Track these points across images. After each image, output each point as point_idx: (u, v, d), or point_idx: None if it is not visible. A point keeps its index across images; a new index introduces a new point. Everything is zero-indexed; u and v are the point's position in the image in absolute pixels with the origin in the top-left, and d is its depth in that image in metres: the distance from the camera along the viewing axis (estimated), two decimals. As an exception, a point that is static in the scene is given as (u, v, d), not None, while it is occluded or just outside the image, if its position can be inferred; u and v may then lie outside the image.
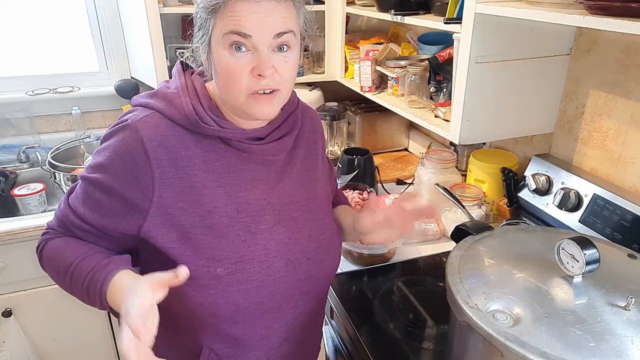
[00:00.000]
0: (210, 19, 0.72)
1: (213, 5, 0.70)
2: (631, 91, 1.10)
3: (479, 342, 0.68)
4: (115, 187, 0.76)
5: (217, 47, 0.73)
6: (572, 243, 0.71)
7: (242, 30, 0.70)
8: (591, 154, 1.23)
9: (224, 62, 0.72)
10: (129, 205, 0.76)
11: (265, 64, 0.71)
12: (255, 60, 0.71)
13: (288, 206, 0.85)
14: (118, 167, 0.76)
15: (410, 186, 1.68)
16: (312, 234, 0.87)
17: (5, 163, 1.89)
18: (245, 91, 0.73)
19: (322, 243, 0.88)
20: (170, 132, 0.76)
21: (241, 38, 0.70)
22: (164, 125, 0.76)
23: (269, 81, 0.73)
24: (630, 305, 0.66)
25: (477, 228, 0.91)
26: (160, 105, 0.77)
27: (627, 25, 0.73)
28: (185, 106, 0.76)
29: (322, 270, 0.88)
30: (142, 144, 0.74)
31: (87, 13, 1.97)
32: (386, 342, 1.00)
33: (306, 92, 2.00)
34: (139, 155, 0.74)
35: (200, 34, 0.75)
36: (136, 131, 0.75)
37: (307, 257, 0.85)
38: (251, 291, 0.79)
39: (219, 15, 0.71)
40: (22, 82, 1.96)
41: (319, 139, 0.95)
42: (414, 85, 1.47)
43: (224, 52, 0.72)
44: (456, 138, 1.21)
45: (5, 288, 1.57)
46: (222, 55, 0.72)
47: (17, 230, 1.49)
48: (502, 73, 1.16)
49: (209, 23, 0.73)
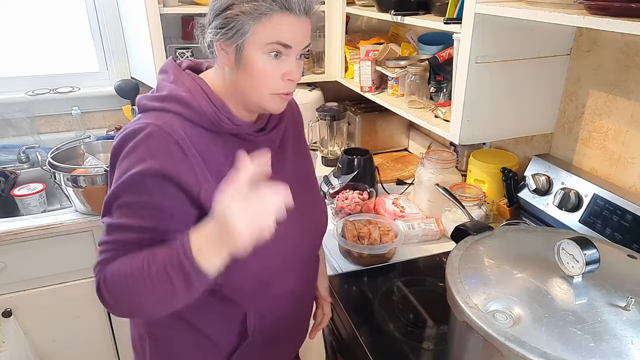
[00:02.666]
0: (251, 24, 0.77)
1: (260, 13, 0.76)
2: (631, 91, 1.10)
3: (479, 342, 0.68)
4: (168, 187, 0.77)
5: (254, 51, 0.78)
6: (572, 243, 0.71)
7: (286, 42, 0.78)
8: (591, 154, 1.23)
9: (260, 66, 0.79)
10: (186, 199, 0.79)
11: (297, 71, 0.82)
12: (287, 67, 0.81)
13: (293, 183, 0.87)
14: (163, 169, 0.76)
15: (410, 186, 1.68)
16: (313, 202, 1.01)
17: (5, 163, 1.89)
18: (273, 91, 0.82)
19: (319, 208, 1.03)
20: (193, 133, 0.80)
21: (282, 48, 0.79)
22: (187, 127, 0.80)
23: (293, 85, 0.84)
24: (630, 305, 0.66)
25: (477, 228, 0.91)
26: (179, 109, 0.80)
27: (627, 25, 0.73)
28: (205, 108, 0.81)
29: (322, 231, 1.03)
30: (178, 145, 0.77)
31: (87, 13, 1.97)
32: (386, 342, 1.00)
33: (306, 92, 2.00)
34: (178, 157, 0.77)
35: (231, 34, 0.78)
36: (168, 135, 0.77)
37: (313, 221, 0.99)
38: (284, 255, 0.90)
39: (262, 23, 0.77)
40: (22, 82, 1.96)
41: (299, 119, 1.03)
42: (414, 85, 1.47)
43: (262, 57, 0.79)
44: (456, 138, 1.21)
45: (5, 288, 1.57)
46: (259, 59, 0.79)
47: (17, 230, 1.49)
48: (502, 73, 1.16)
49: (247, 27, 0.77)
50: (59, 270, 1.61)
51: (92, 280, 1.73)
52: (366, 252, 1.24)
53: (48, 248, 1.56)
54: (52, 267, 1.59)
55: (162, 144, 0.77)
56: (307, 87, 2.03)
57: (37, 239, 1.53)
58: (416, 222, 1.40)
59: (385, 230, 1.30)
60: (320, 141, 1.95)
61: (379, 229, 1.30)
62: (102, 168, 1.51)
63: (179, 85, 0.83)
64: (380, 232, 1.29)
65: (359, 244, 1.25)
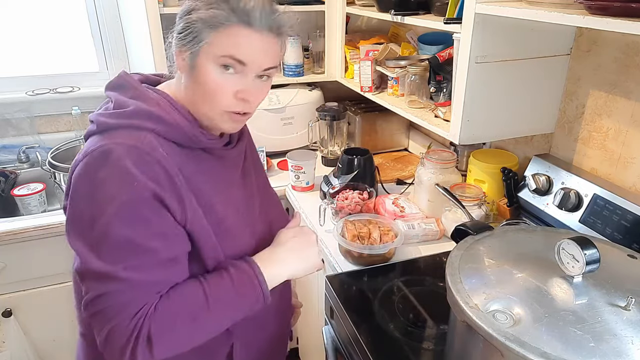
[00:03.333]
0: (207, 32, 0.72)
1: (216, 23, 0.72)
2: (631, 91, 1.10)
3: (479, 342, 0.68)
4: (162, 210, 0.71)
5: (206, 61, 0.74)
6: (572, 243, 0.71)
7: (240, 58, 0.73)
8: (591, 154, 1.23)
9: (210, 78, 0.74)
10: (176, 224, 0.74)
11: (251, 91, 0.77)
12: (241, 85, 0.76)
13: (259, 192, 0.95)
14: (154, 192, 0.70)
15: (410, 186, 1.68)
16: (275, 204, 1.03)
17: (5, 163, 1.89)
18: (225, 108, 0.77)
19: (281, 210, 1.04)
20: (168, 150, 0.74)
21: (237, 63, 0.74)
22: (162, 144, 0.74)
23: (248, 106, 0.78)
24: (630, 305, 0.66)
25: (477, 228, 0.91)
26: (151, 125, 0.74)
27: (627, 25, 0.73)
28: (181, 122, 0.76)
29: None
30: (160, 164, 0.71)
31: (87, 13, 1.97)
32: (386, 342, 1.00)
33: (306, 92, 2.00)
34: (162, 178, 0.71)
35: (188, 40, 0.74)
36: (147, 154, 0.70)
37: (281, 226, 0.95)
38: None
39: (218, 33, 0.72)
40: (22, 82, 1.96)
41: (246, 131, 0.98)
42: (414, 85, 1.47)
43: (213, 68, 0.74)
44: (456, 138, 1.21)
45: (5, 288, 1.57)
46: (210, 70, 0.74)
47: (17, 230, 1.49)
48: (502, 73, 1.16)
49: (203, 35, 0.73)
50: (59, 270, 1.61)
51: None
52: (366, 252, 1.24)
53: (48, 248, 1.56)
54: (52, 267, 1.59)
55: (143, 165, 0.69)
56: (307, 87, 2.03)
57: (37, 239, 1.53)
58: (416, 222, 1.40)
59: (385, 230, 1.30)
60: (320, 141, 1.95)
61: (379, 229, 1.30)
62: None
63: (143, 100, 0.76)
64: (380, 232, 1.29)
65: (359, 244, 1.25)
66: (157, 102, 0.77)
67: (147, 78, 0.86)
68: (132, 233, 0.69)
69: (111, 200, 0.67)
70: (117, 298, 0.69)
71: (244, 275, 0.78)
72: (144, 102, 0.76)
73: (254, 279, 0.78)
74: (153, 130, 0.74)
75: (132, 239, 0.69)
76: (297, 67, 1.95)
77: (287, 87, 1.99)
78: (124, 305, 0.69)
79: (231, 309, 0.77)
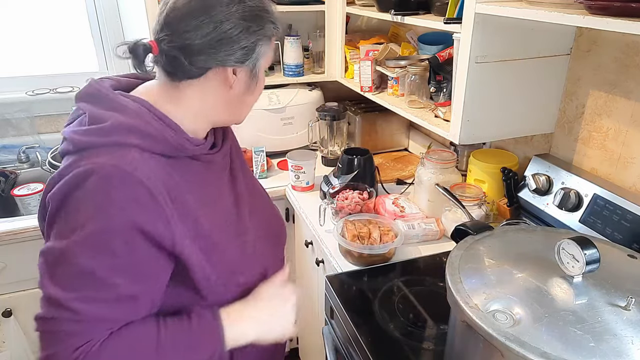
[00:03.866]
0: (267, 46, 0.79)
1: (274, 35, 0.79)
2: (631, 91, 1.10)
3: (479, 342, 0.68)
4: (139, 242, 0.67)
5: (262, 72, 0.82)
6: (572, 243, 0.71)
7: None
8: (591, 154, 1.23)
9: (262, 85, 0.83)
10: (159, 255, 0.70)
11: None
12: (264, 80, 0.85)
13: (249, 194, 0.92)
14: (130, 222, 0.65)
15: (410, 186, 1.68)
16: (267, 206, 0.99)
17: (5, 163, 1.89)
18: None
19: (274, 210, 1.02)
20: (154, 164, 0.70)
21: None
22: (147, 158, 0.70)
23: None
24: (630, 305, 0.66)
25: (477, 228, 0.91)
26: (133, 140, 0.69)
27: (627, 25, 0.73)
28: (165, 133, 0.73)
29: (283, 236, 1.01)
30: (143, 185, 0.66)
31: (87, 13, 1.97)
32: (386, 342, 1.00)
33: (306, 92, 2.00)
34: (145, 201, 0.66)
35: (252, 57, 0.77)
36: (129, 174, 0.66)
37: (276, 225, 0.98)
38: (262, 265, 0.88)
39: (269, 45, 0.80)
40: (22, 82, 1.96)
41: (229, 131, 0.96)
42: (414, 85, 1.47)
43: (263, 75, 0.83)
44: (456, 138, 1.21)
45: (5, 288, 1.57)
46: (263, 79, 0.83)
47: (17, 230, 1.49)
48: (502, 73, 1.16)
49: (264, 50, 0.79)
50: (59, 270, 1.61)
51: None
52: (366, 252, 1.24)
53: (48, 248, 1.56)
54: (52, 267, 1.59)
55: (125, 188, 0.65)
56: (307, 87, 2.03)
57: (37, 239, 1.53)
58: (416, 222, 1.40)
59: (385, 230, 1.30)
60: (320, 141, 1.95)
61: (379, 229, 1.30)
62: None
63: (121, 111, 0.71)
64: (380, 232, 1.29)
65: (359, 244, 1.25)
66: (137, 113, 0.72)
67: (119, 82, 0.81)
68: (94, 264, 0.64)
69: (81, 227, 0.64)
70: (63, 326, 0.64)
71: (205, 328, 0.73)
72: (121, 113, 0.71)
73: (214, 335, 0.74)
74: (135, 146, 0.69)
75: (93, 270, 0.64)
76: (297, 67, 1.95)
77: (287, 87, 1.99)
78: (68, 336, 0.65)
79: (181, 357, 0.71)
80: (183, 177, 0.75)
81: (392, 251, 1.30)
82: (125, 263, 0.66)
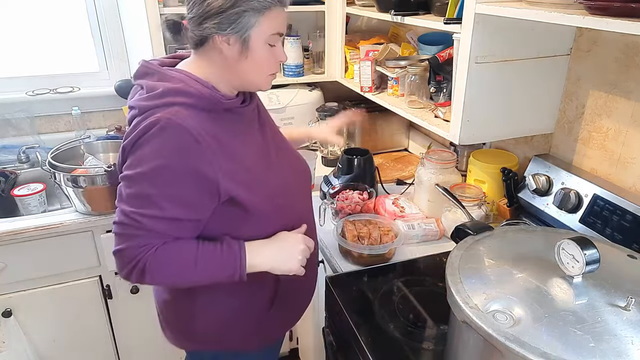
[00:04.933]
0: (256, 17, 0.89)
1: (264, 7, 0.88)
2: (631, 91, 1.10)
3: (479, 342, 0.68)
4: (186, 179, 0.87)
5: (258, 42, 0.91)
6: (572, 243, 0.71)
7: (281, 31, 0.94)
8: (591, 154, 1.23)
9: (264, 54, 0.93)
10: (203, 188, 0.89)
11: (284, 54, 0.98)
12: (280, 53, 0.97)
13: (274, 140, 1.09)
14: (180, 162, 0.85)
15: (410, 186, 1.68)
16: (290, 149, 1.15)
17: (5, 163, 1.89)
18: (269, 73, 0.98)
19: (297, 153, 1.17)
20: (200, 118, 0.88)
21: (277, 36, 0.94)
22: (192, 114, 0.88)
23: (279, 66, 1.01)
24: (630, 305, 0.66)
25: (477, 228, 0.91)
26: (180, 99, 0.88)
27: (627, 25, 0.73)
28: (202, 91, 0.90)
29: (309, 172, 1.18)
30: (190, 134, 0.85)
31: (87, 13, 1.97)
32: (386, 342, 1.00)
33: (306, 92, 2.00)
34: (192, 146, 0.85)
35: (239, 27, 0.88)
36: (179, 125, 0.84)
37: (300, 163, 1.15)
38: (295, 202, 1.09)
39: (264, 16, 0.89)
40: (22, 82, 1.96)
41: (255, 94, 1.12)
42: (414, 85, 1.47)
43: (265, 47, 0.92)
44: (456, 138, 1.21)
45: (5, 288, 1.57)
46: (263, 48, 0.92)
47: (17, 230, 1.49)
48: (502, 73, 1.16)
49: (253, 20, 0.88)
50: (59, 270, 1.61)
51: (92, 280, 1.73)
52: (366, 252, 1.24)
53: (48, 248, 1.56)
54: (52, 267, 1.59)
55: (176, 135, 0.84)
56: (307, 87, 2.03)
57: (37, 239, 1.53)
58: (416, 222, 1.40)
59: (385, 230, 1.30)
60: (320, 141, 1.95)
61: (379, 229, 1.30)
62: (102, 168, 1.51)
63: (168, 80, 0.91)
64: (380, 232, 1.29)
65: (359, 244, 1.25)
66: (180, 79, 0.91)
67: (163, 62, 0.99)
68: (149, 190, 0.86)
69: (145, 163, 0.85)
70: (128, 230, 0.87)
71: (231, 255, 0.94)
72: (169, 82, 0.90)
73: (237, 261, 0.94)
74: (182, 104, 0.88)
75: (149, 194, 0.86)
76: (297, 68, 1.95)
77: (287, 87, 1.99)
78: (132, 237, 0.88)
79: (210, 274, 0.94)
80: (222, 126, 0.93)
81: (392, 251, 1.30)
82: (172, 192, 0.87)
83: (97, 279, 1.67)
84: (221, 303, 1.04)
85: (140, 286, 1.69)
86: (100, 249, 1.62)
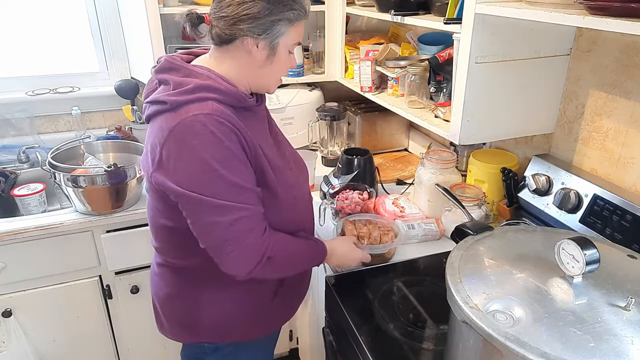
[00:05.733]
0: (286, 27, 0.96)
1: (296, 19, 0.96)
2: (631, 91, 1.10)
3: (479, 342, 0.68)
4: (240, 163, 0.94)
5: (284, 49, 0.99)
6: (572, 243, 0.71)
7: (301, 41, 1.03)
8: (591, 154, 1.23)
9: (285, 61, 1.01)
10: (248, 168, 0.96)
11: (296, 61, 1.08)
12: (293, 60, 1.04)
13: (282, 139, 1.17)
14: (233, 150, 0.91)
15: (410, 186, 1.68)
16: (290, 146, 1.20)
17: (5, 163, 1.88)
18: (280, 77, 1.05)
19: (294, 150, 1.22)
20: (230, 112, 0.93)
21: (297, 46, 1.03)
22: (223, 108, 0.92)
23: None
24: (630, 305, 0.66)
25: (477, 228, 0.91)
26: (212, 95, 0.92)
27: (627, 26, 0.73)
28: (230, 89, 0.95)
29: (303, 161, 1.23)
30: (231, 125, 0.91)
31: (87, 13, 1.97)
32: (386, 342, 1.00)
33: (306, 92, 2.00)
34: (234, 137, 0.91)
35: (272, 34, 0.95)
36: (220, 118, 0.90)
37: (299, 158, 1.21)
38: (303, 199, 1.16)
39: (293, 27, 0.97)
40: (22, 82, 1.96)
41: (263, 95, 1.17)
42: (414, 85, 1.47)
43: (287, 55, 1.01)
44: (456, 138, 1.21)
45: (5, 288, 1.57)
46: (285, 56, 1.00)
47: (17, 230, 1.49)
48: (502, 73, 1.16)
49: (283, 29, 0.96)
50: (59, 270, 1.61)
51: (92, 281, 1.72)
52: (366, 252, 1.24)
53: (48, 248, 1.56)
54: (52, 267, 1.59)
55: (220, 128, 0.89)
56: (307, 87, 2.03)
57: (37, 239, 1.53)
58: (416, 222, 1.40)
59: (385, 230, 1.30)
60: (320, 141, 1.95)
61: (379, 229, 1.30)
62: (102, 168, 1.51)
63: (196, 76, 0.94)
64: (380, 232, 1.29)
65: (359, 244, 1.25)
66: (207, 76, 0.95)
67: (183, 58, 1.02)
68: (235, 178, 0.92)
69: (212, 158, 0.89)
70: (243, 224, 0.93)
71: (321, 249, 1.12)
72: (197, 78, 0.94)
73: (324, 254, 1.13)
74: (215, 99, 0.92)
75: (236, 182, 0.92)
76: (297, 67, 1.95)
77: (287, 87, 1.99)
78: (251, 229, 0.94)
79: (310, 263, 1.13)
80: (245, 122, 0.96)
81: (392, 251, 1.30)
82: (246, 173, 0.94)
83: (97, 279, 1.67)
84: (227, 295, 1.08)
85: (139, 286, 1.69)
86: (100, 249, 1.62)
